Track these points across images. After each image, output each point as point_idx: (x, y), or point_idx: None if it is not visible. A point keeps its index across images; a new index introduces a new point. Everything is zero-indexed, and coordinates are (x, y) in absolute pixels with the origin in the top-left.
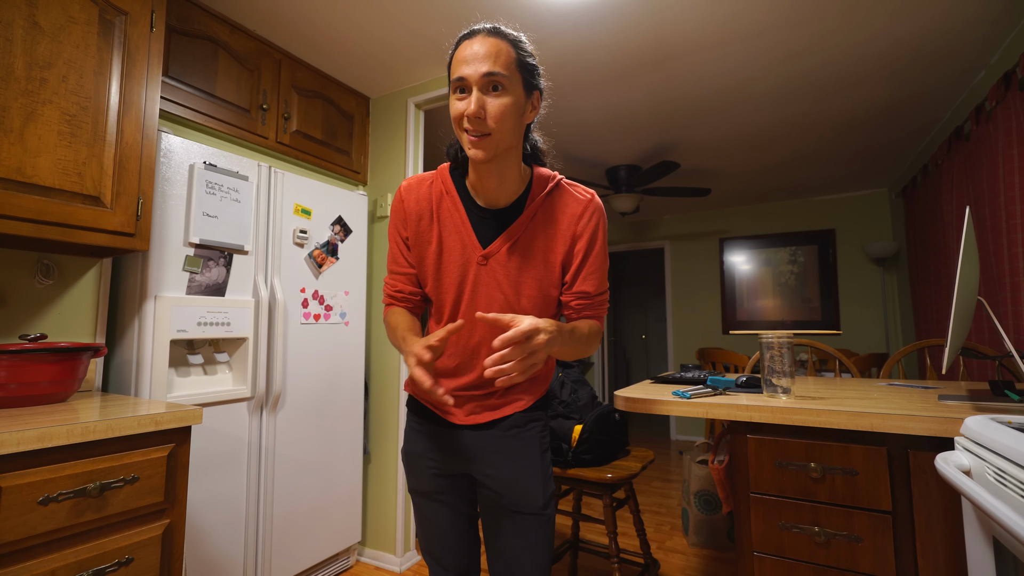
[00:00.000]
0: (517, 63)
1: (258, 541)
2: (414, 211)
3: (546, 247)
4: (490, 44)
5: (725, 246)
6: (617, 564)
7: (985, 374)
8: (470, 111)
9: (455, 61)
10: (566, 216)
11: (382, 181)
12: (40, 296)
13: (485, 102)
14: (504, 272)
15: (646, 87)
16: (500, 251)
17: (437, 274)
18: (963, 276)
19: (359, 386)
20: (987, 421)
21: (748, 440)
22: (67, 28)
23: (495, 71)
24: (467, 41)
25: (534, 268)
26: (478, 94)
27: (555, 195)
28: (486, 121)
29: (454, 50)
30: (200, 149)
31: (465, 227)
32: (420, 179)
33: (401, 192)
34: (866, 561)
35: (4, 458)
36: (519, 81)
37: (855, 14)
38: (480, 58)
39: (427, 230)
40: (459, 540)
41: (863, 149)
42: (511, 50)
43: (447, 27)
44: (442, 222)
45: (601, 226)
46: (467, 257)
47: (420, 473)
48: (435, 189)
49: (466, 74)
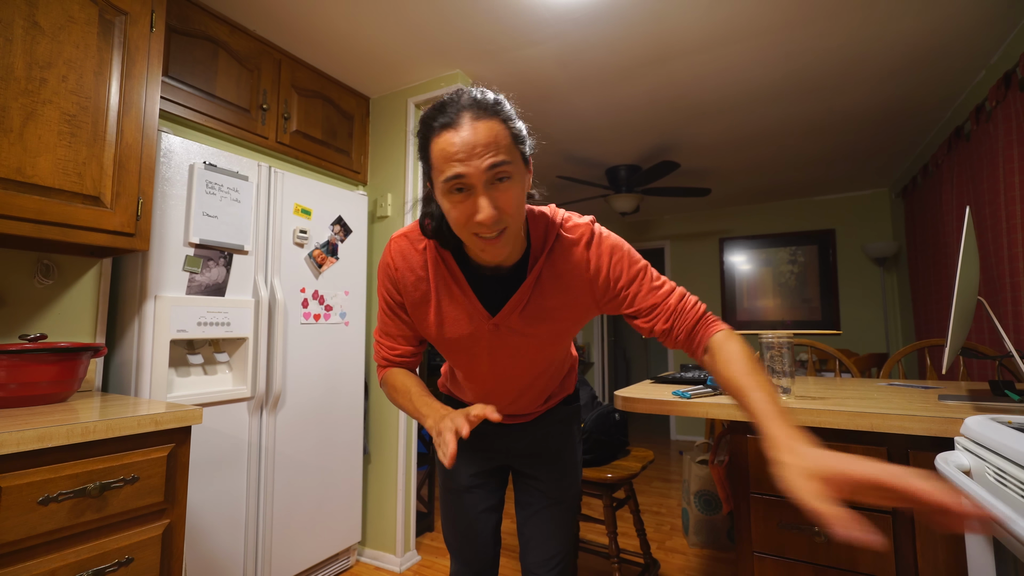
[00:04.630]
0: (514, 140)
1: (258, 541)
2: (408, 280)
3: (561, 302)
4: (483, 130)
5: (725, 246)
6: (617, 564)
7: (985, 374)
8: (485, 217)
9: (439, 155)
10: (570, 265)
11: (382, 181)
12: (40, 296)
13: (495, 199)
14: (519, 335)
15: (646, 87)
16: (511, 317)
17: (442, 337)
18: (963, 276)
19: (359, 386)
20: (987, 421)
21: (748, 440)
22: (67, 28)
23: (499, 161)
24: (450, 131)
25: (552, 322)
26: (485, 192)
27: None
28: (502, 219)
29: (427, 137)
30: (200, 149)
31: (468, 297)
32: (411, 241)
33: (393, 257)
34: (866, 561)
35: (4, 458)
36: (519, 159)
37: (855, 14)
38: (477, 151)
39: (423, 299)
40: (485, 535)
41: (863, 149)
42: (504, 128)
43: (447, 27)
44: (439, 292)
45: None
46: (476, 326)
47: (459, 469)
48: (429, 255)
49: (465, 172)
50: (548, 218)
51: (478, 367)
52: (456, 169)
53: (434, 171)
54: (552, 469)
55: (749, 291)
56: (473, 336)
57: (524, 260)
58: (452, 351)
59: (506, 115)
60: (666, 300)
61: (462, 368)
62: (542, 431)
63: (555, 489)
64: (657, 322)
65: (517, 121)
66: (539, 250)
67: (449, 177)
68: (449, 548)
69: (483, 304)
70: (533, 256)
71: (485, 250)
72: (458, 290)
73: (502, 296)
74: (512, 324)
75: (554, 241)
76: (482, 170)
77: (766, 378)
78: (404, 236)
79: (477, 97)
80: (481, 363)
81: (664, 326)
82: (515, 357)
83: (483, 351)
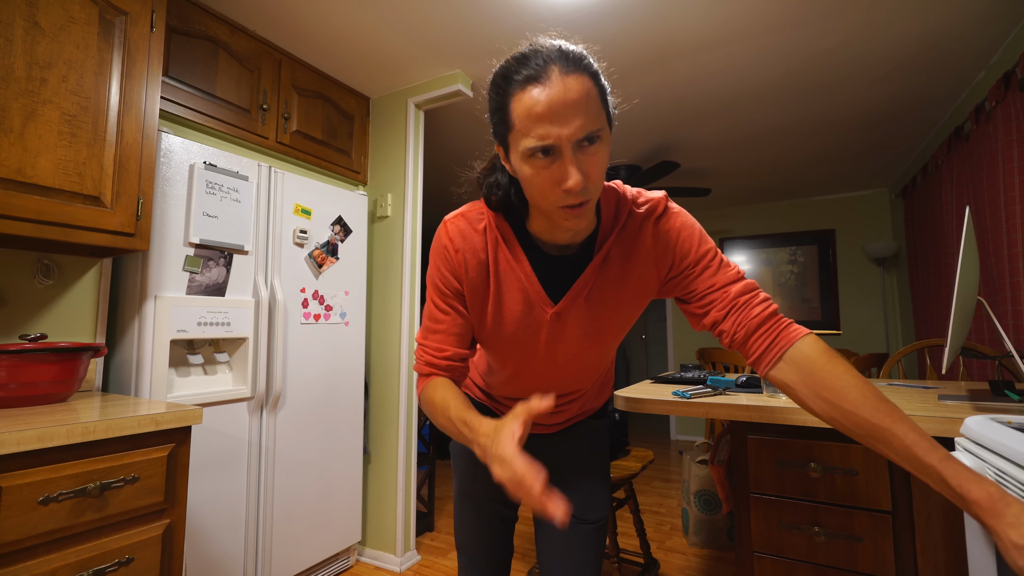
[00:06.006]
0: (602, 101)
1: (258, 541)
2: (471, 263)
3: (627, 284)
4: (574, 86)
5: (725, 246)
6: (617, 564)
7: (985, 374)
8: (575, 183)
9: (522, 113)
10: (639, 244)
11: (382, 181)
12: (40, 296)
13: (583, 164)
14: (580, 325)
15: (646, 87)
16: (574, 305)
17: (497, 332)
18: (963, 276)
19: (359, 386)
20: (987, 421)
21: (748, 440)
22: (67, 28)
23: (594, 129)
24: (536, 85)
25: (616, 308)
26: (574, 159)
27: (627, 226)
28: (588, 187)
29: (507, 91)
30: (200, 149)
31: (531, 281)
32: (470, 221)
33: (452, 238)
34: (866, 561)
35: (4, 458)
36: (607, 120)
37: (855, 14)
38: (569, 111)
39: (482, 286)
40: (498, 541)
41: (863, 149)
42: (594, 85)
43: (447, 27)
44: (500, 276)
45: (680, 226)
46: (535, 316)
47: (474, 477)
48: (490, 235)
49: (558, 135)
50: (619, 193)
51: (530, 365)
52: (545, 130)
53: (514, 132)
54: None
55: None
56: (529, 330)
57: (592, 239)
58: (505, 348)
59: (595, 69)
60: (727, 287)
61: (511, 366)
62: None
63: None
64: (711, 310)
65: (605, 81)
66: (609, 228)
67: (537, 141)
68: (459, 548)
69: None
70: (603, 234)
71: (569, 219)
72: (521, 275)
73: (563, 282)
74: (576, 312)
75: (626, 218)
76: (575, 136)
77: (893, 404)
78: (462, 215)
79: (563, 48)
80: (534, 360)
81: (718, 315)
82: (567, 357)
83: (539, 345)
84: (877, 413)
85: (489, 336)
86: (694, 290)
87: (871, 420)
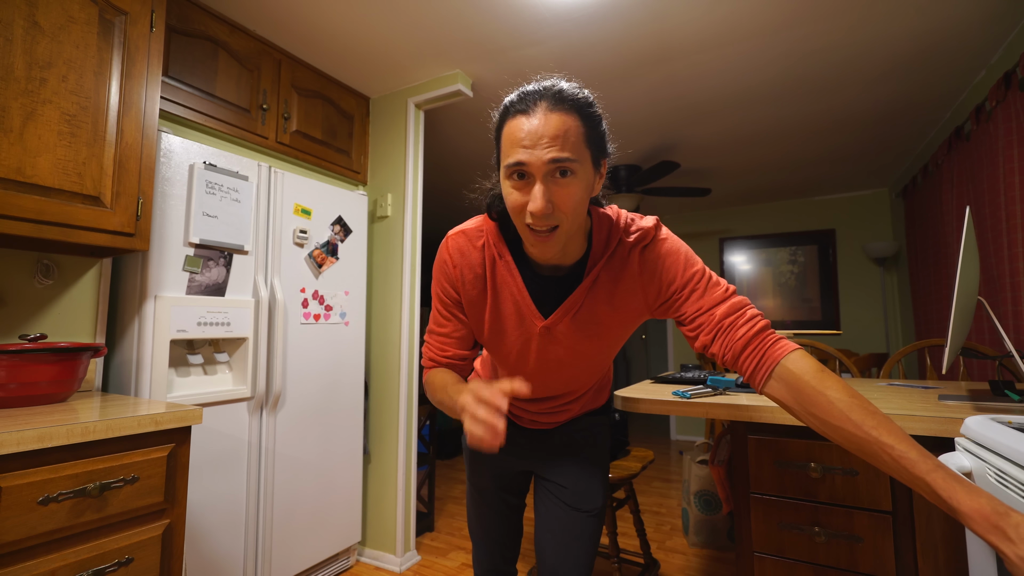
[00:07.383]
0: (586, 139)
1: (258, 541)
2: (467, 277)
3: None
4: (554, 122)
5: (725, 246)
6: (617, 564)
7: (985, 374)
8: (536, 208)
9: (507, 138)
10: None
11: (382, 181)
12: (40, 296)
13: (552, 193)
14: (570, 340)
15: (646, 87)
16: (562, 322)
17: (494, 338)
18: (963, 276)
19: (359, 386)
20: (987, 421)
21: (748, 440)
22: (67, 28)
23: (562, 157)
24: (522, 116)
25: (603, 330)
26: (542, 186)
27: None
28: (554, 214)
29: (503, 119)
30: (200, 149)
31: (522, 296)
32: (469, 238)
33: (451, 253)
34: (866, 561)
35: (4, 458)
36: (588, 159)
37: (855, 14)
38: (543, 141)
39: (479, 297)
40: (507, 528)
41: (863, 149)
42: (579, 125)
43: (447, 27)
44: (497, 289)
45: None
46: (527, 328)
47: (483, 471)
48: (487, 253)
49: (525, 160)
50: (612, 221)
51: (526, 368)
52: (518, 156)
53: (501, 154)
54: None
55: (749, 291)
56: (523, 339)
57: (583, 263)
58: (503, 351)
59: (586, 113)
60: (712, 310)
61: (510, 368)
62: (568, 437)
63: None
64: (700, 333)
65: (598, 123)
66: (599, 254)
67: (511, 163)
68: (471, 534)
69: (537, 307)
70: (592, 259)
71: (535, 245)
72: (515, 290)
73: (556, 299)
74: (564, 328)
75: (616, 245)
76: (543, 161)
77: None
78: (462, 232)
79: (561, 88)
80: (527, 366)
81: (706, 339)
82: (560, 365)
83: (531, 354)
84: (863, 427)
85: (489, 340)
86: (684, 313)
87: (858, 434)
